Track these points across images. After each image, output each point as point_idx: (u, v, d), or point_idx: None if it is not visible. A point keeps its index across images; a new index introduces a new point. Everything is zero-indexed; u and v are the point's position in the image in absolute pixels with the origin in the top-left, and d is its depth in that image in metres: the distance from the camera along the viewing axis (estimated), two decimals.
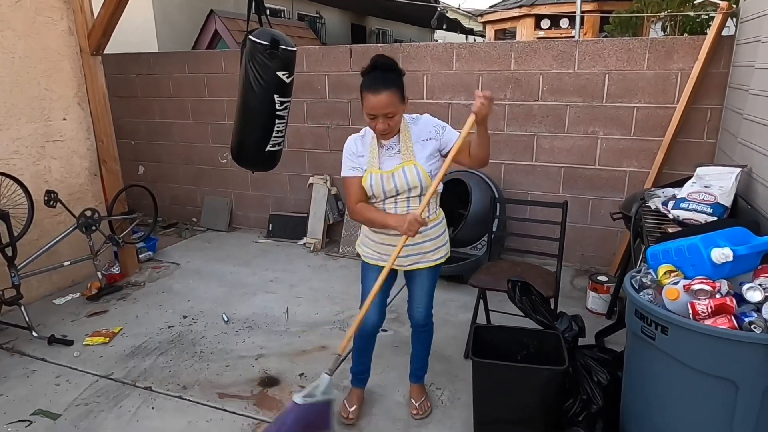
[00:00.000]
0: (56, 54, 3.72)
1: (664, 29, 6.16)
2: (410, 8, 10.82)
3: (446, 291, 3.75)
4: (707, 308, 1.59)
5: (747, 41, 3.04)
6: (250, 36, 2.90)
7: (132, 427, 2.41)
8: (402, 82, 2.00)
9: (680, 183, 2.80)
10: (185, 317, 3.46)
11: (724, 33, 3.43)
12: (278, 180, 4.96)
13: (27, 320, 3.17)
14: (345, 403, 2.44)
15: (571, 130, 3.93)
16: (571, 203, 3.38)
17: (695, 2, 5.30)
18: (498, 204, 3.49)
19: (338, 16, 11.66)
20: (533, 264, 3.13)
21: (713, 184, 2.49)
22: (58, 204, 3.48)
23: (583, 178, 3.99)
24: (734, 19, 3.48)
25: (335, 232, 4.78)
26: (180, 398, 2.61)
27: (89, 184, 4.06)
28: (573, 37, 7.82)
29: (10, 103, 3.48)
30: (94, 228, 3.71)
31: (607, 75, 3.74)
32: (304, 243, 4.77)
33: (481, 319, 2.95)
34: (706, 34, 3.54)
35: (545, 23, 9.28)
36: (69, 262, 3.62)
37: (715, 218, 2.35)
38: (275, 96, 2.99)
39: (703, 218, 2.37)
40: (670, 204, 2.57)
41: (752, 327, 1.53)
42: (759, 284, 1.65)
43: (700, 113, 3.58)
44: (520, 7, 9.41)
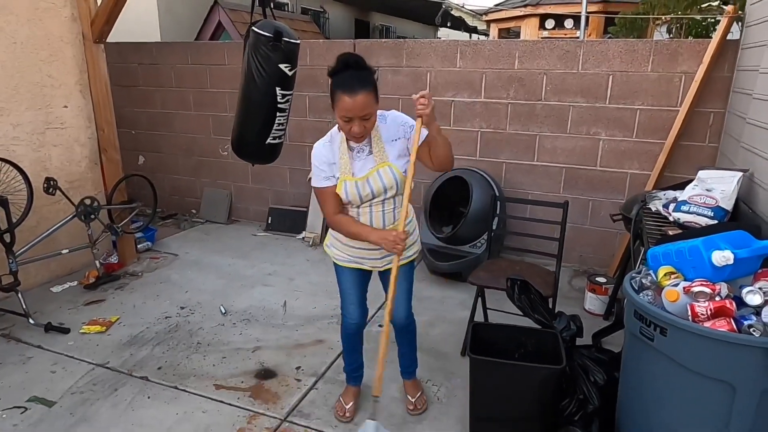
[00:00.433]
0: (59, 41, 3.70)
1: (670, 32, 6.15)
2: (414, 5, 10.80)
3: (444, 288, 3.75)
4: (707, 310, 1.59)
5: (752, 45, 3.03)
6: (254, 27, 2.88)
7: (127, 416, 2.40)
8: (375, 82, 1.87)
9: (681, 186, 2.80)
10: (183, 308, 3.45)
11: (729, 37, 3.42)
12: (278, 173, 4.95)
13: (24, 307, 3.16)
14: (341, 400, 2.44)
15: (574, 131, 3.92)
16: (572, 203, 3.38)
17: (702, 6, 5.28)
18: (498, 202, 3.49)
19: (342, 11, 11.62)
20: (532, 263, 3.13)
21: (715, 188, 2.49)
22: (58, 192, 3.47)
23: (584, 179, 3.99)
24: (740, 24, 3.48)
25: None
26: (176, 388, 2.60)
27: (89, 173, 4.05)
28: (577, 38, 7.80)
29: (12, 89, 3.47)
30: (93, 216, 3.70)
31: (611, 76, 3.73)
32: (303, 237, 4.77)
33: (479, 317, 2.96)
34: (711, 38, 3.54)
35: (549, 23, 9.26)
36: (67, 251, 3.61)
37: (716, 221, 2.35)
38: (277, 88, 2.98)
39: (704, 221, 2.37)
40: (671, 206, 2.57)
41: (751, 330, 1.53)
42: (759, 288, 1.65)
43: (703, 117, 3.58)
44: (525, 7, 9.39)
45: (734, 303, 1.60)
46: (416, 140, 1.89)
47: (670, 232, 2.36)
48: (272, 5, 3.18)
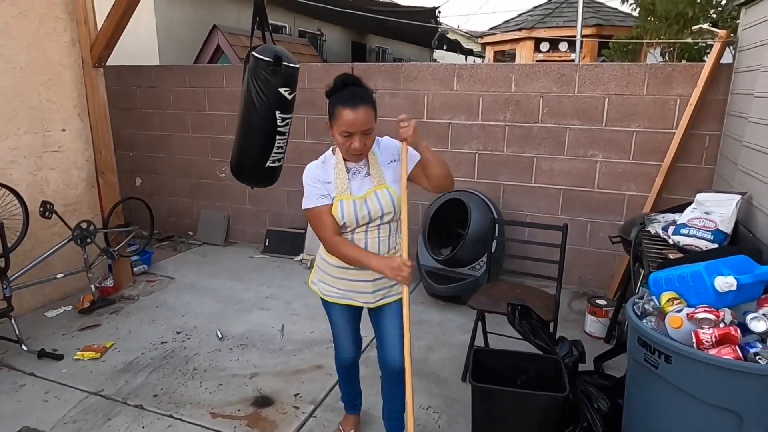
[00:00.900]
0: (58, 65, 3.72)
1: (663, 55, 6.24)
2: (411, 28, 10.94)
3: (443, 311, 3.71)
4: (711, 337, 1.57)
5: (746, 70, 3.08)
6: (254, 52, 2.91)
7: None
8: (374, 101, 1.86)
9: (680, 208, 2.80)
10: (179, 333, 3.40)
11: (723, 61, 3.47)
12: (276, 195, 4.94)
13: (17, 333, 3.11)
14: (341, 429, 2.39)
15: (571, 153, 3.94)
16: (570, 225, 3.37)
17: (694, 29, 5.38)
18: (497, 225, 3.48)
19: (339, 34, 11.76)
20: (532, 286, 3.11)
21: (714, 211, 2.49)
22: (54, 215, 3.45)
23: (582, 201, 4.00)
24: (732, 48, 3.53)
25: None
26: (171, 417, 2.55)
27: (86, 196, 4.03)
28: (572, 61, 7.91)
29: (10, 113, 3.47)
30: (89, 240, 3.67)
31: (607, 99, 3.77)
32: (301, 259, 4.74)
33: (479, 341, 2.92)
34: (704, 62, 3.59)
35: (545, 46, 9.39)
36: (62, 275, 3.58)
37: (716, 245, 2.34)
38: (277, 112, 2.99)
39: (704, 245, 2.36)
40: (671, 229, 2.57)
41: (757, 358, 1.51)
42: (763, 314, 1.64)
43: (699, 139, 3.61)
44: (520, 30, 9.52)
45: (738, 330, 1.59)
46: (404, 162, 1.88)
47: (671, 256, 2.35)
48: (270, 29, 3.21)
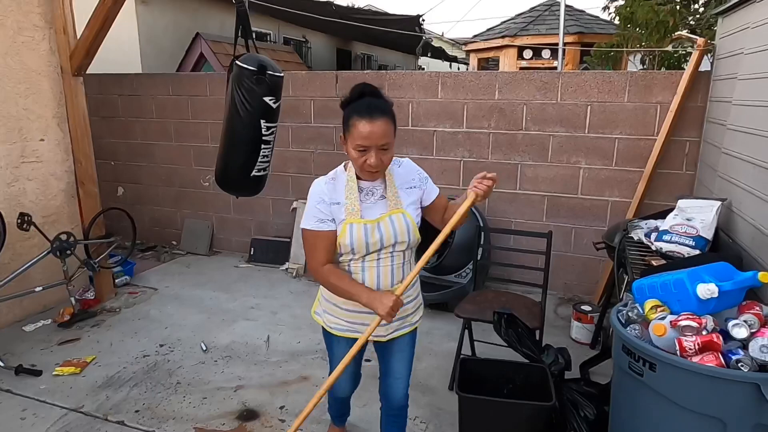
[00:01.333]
0: (36, 74, 3.65)
1: (643, 62, 6.35)
2: (395, 36, 10.99)
3: (430, 319, 3.70)
4: (694, 345, 1.58)
5: (724, 77, 3.13)
6: (237, 61, 2.89)
7: None
8: (394, 113, 1.71)
9: (662, 214, 2.83)
10: (162, 346, 3.34)
11: (701, 69, 3.53)
12: (261, 204, 4.90)
13: None
14: None
15: (554, 160, 3.97)
16: (555, 231, 3.39)
17: (673, 37, 5.48)
18: (483, 233, 3.49)
19: (324, 41, 11.76)
20: (518, 294, 3.12)
21: (695, 217, 2.53)
22: (32, 227, 3.37)
23: (566, 207, 4.03)
24: (710, 56, 3.60)
25: None
26: None
27: (66, 207, 3.95)
28: (555, 68, 8.01)
29: None
30: (69, 252, 3.59)
31: (589, 106, 3.81)
32: (287, 268, 4.70)
33: (466, 349, 2.92)
34: (684, 69, 3.64)
35: (527, 53, 9.51)
36: (41, 288, 3.49)
37: (698, 251, 2.37)
38: (261, 121, 2.97)
39: (686, 251, 2.39)
40: (653, 236, 2.60)
41: (739, 365, 1.52)
42: (744, 321, 1.65)
43: (679, 146, 3.66)
44: (503, 38, 9.64)
45: (721, 337, 1.60)
46: (464, 209, 1.70)
47: (654, 262, 2.38)
48: (254, 37, 3.19)
